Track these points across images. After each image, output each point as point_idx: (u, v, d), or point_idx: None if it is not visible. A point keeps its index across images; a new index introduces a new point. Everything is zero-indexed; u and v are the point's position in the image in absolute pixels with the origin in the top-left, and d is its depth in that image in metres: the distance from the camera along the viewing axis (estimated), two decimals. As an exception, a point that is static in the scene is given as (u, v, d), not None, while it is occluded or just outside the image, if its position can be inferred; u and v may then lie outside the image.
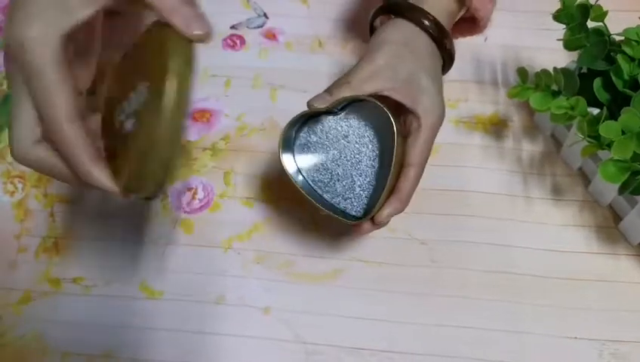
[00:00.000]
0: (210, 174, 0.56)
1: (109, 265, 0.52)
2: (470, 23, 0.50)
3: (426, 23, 0.45)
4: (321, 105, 0.43)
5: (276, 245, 0.53)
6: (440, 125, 0.45)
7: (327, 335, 0.49)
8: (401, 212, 0.44)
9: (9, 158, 0.58)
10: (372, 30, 0.50)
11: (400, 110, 0.44)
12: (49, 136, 0.34)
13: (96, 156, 0.33)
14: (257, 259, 0.52)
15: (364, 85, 0.43)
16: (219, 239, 0.53)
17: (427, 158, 0.45)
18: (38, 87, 0.32)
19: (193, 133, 0.58)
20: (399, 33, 0.46)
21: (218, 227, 0.54)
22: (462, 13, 0.49)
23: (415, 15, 0.46)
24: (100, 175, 0.33)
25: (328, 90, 0.44)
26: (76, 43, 0.34)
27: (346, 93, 0.43)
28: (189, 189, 0.56)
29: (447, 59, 0.48)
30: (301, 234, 0.53)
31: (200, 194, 0.55)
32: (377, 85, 0.43)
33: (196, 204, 0.55)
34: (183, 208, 0.55)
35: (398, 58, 0.44)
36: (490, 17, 0.49)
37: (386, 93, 0.43)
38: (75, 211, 0.55)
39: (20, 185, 0.57)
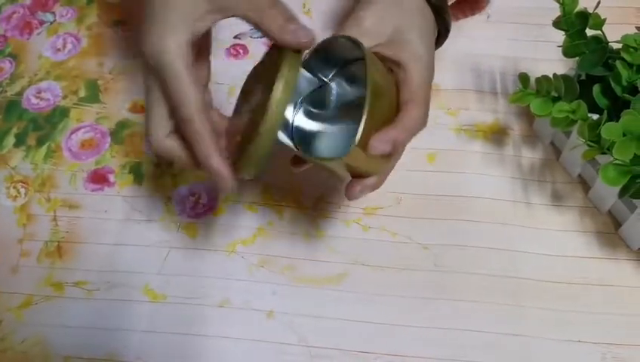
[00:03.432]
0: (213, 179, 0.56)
1: (111, 269, 0.52)
2: (472, 1, 0.50)
3: None
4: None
5: (280, 249, 0.53)
6: (428, 77, 0.44)
7: (332, 338, 0.49)
8: (401, 144, 0.41)
9: (12, 163, 0.58)
10: None
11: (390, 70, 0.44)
12: (181, 126, 0.40)
13: (215, 144, 0.39)
14: (261, 262, 0.52)
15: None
16: (223, 243, 0.53)
17: (424, 100, 0.42)
18: (174, 88, 0.39)
19: (197, 139, 0.59)
20: None
21: (222, 231, 0.54)
22: None
23: None
24: (219, 163, 0.39)
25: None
26: (196, 46, 0.41)
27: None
28: (193, 194, 0.56)
29: (442, 31, 0.48)
30: (305, 238, 0.53)
31: (204, 199, 0.55)
32: (364, 42, 0.42)
33: (200, 208, 0.55)
34: (187, 212, 0.55)
35: (383, 16, 0.44)
36: None
37: (373, 50, 0.43)
38: (77, 215, 0.55)
39: (22, 190, 0.57)
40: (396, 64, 0.43)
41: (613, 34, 0.50)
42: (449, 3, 0.48)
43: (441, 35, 0.48)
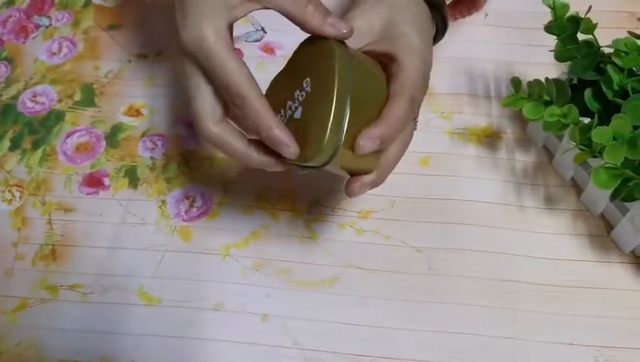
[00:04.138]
0: (209, 182, 0.57)
1: (106, 272, 0.53)
2: (469, 0, 0.50)
3: None
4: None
5: (275, 252, 0.53)
6: (423, 69, 0.43)
7: (326, 341, 0.49)
8: (389, 139, 0.41)
9: (7, 167, 0.59)
10: None
11: (386, 66, 0.43)
12: (237, 105, 0.40)
13: (274, 114, 0.40)
14: (256, 266, 0.52)
15: None
16: (217, 246, 0.53)
17: (415, 95, 0.42)
18: (222, 71, 0.39)
19: (193, 142, 0.59)
20: None
21: (216, 234, 0.54)
22: None
23: None
24: (282, 130, 0.39)
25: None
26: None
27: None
28: (188, 197, 0.56)
29: (440, 26, 0.48)
30: (299, 241, 0.53)
31: (198, 202, 0.56)
32: (356, 40, 0.43)
33: (194, 211, 0.55)
34: (182, 216, 0.55)
35: (373, 13, 0.44)
36: None
37: (364, 50, 0.43)
38: (72, 219, 0.55)
39: (17, 194, 0.57)
40: (390, 58, 0.43)
41: (606, 38, 0.50)
42: (446, 2, 0.48)
43: (439, 30, 0.48)
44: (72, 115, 0.61)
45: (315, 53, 0.41)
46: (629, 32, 0.50)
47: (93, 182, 0.57)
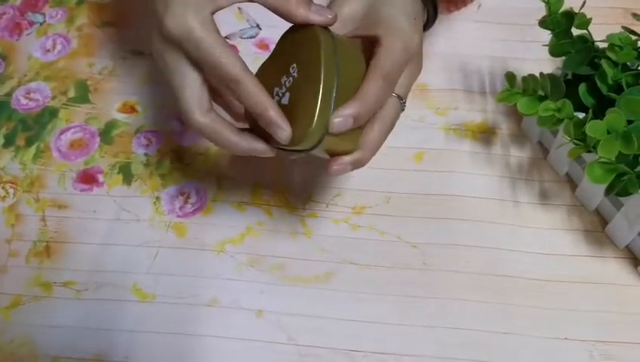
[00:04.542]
0: (203, 179, 0.56)
1: (100, 269, 0.52)
2: None
3: None
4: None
5: (269, 248, 0.53)
6: (403, 53, 0.42)
7: (320, 337, 0.49)
8: (364, 117, 0.41)
9: (1, 164, 0.58)
10: None
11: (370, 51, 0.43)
12: (232, 88, 0.40)
13: (269, 96, 0.40)
14: (250, 261, 0.52)
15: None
16: (211, 242, 0.53)
17: (390, 74, 0.42)
18: (212, 57, 0.39)
19: (187, 138, 0.59)
20: None
21: (211, 230, 0.54)
22: None
23: None
24: (277, 112, 0.40)
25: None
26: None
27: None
28: (182, 193, 0.56)
29: (431, 12, 0.47)
30: (294, 237, 0.53)
31: (193, 198, 0.55)
32: (344, 26, 0.43)
33: (189, 207, 0.55)
34: (176, 212, 0.55)
35: (359, 2, 0.44)
36: None
37: (350, 36, 0.44)
38: (66, 215, 0.55)
39: (11, 191, 0.57)
40: (373, 41, 0.43)
41: (601, 34, 0.50)
42: None
43: (430, 17, 0.48)
44: (66, 112, 0.61)
45: (300, 40, 0.41)
46: (623, 27, 0.50)
47: (87, 178, 0.57)
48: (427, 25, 0.49)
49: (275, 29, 0.67)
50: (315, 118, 0.39)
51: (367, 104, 0.41)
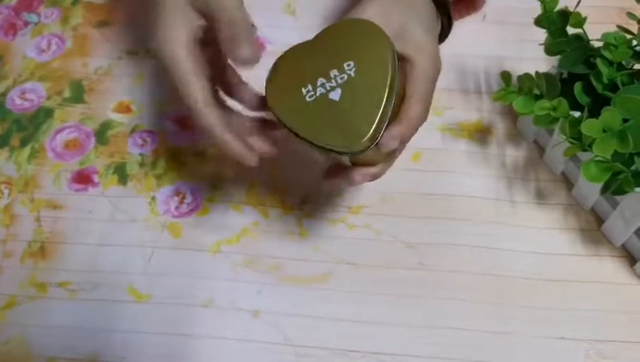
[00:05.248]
0: (199, 179, 0.56)
1: (95, 270, 0.52)
2: (468, 1, 0.50)
3: None
4: None
5: (265, 248, 0.53)
6: (433, 71, 0.44)
7: (317, 337, 0.49)
8: (407, 139, 0.43)
9: (-5, 164, 0.58)
10: None
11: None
12: (191, 114, 0.42)
13: (227, 128, 0.42)
14: (246, 262, 0.52)
15: None
16: (207, 243, 0.53)
17: (428, 95, 0.43)
18: (176, 80, 0.42)
19: (183, 138, 0.59)
20: None
21: (206, 231, 0.54)
22: None
23: None
24: (234, 145, 0.42)
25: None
26: (203, 42, 0.43)
27: None
28: (178, 194, 0.56)
29: (445, 25, 0.48)
30: (290, 237, 0.53)
31: (188, 199, 0.55)
32: None
33: (184, 208, 0.55)
34: (171, 212, 0.55)
35: (389, 8, 0.44)
36: None
37: None
38: (61, 216, 0.55)
39: (6, 191, 0.57)
40: (403, 58, 0.43)
41: (596, 33, 0.50)
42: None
43: (445, 30, 0.48)
44: (61, 112, 0.61)
45: (362, 38, 0.40)
46: (618, 26, 0.50)
47: (82, 178, 0.57)
48: (442, 37, 0.49)
49: (271, 28, 0.68)
50: (375, 124, 0.38)
51: (411, 127, 0.42)
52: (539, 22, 0.50)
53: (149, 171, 0.57)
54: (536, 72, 0.50)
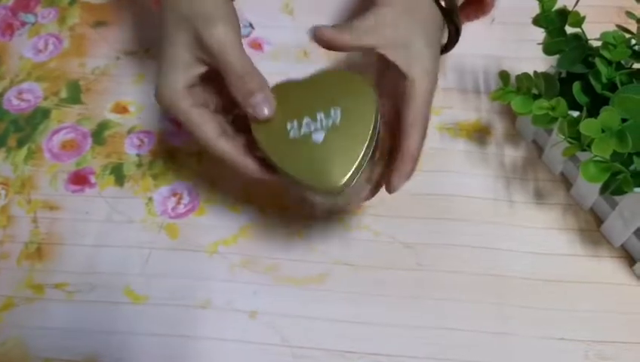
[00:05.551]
0: (196, 180, 0.56)
1: (92, 271, 0.52)
2: (477, 4, 0.50)
3: None
4: (325, 34, 0.43)
5: (262, 249, 0.52)
6: (434, 90, 0.45)
7: (314, 338, 0.49)
8: (411, 174, 0.44)
9: (-8, 165, 0.58)
10: None
11: (390, 75, 0.45)
12: (202, 146, 0.45)
13: (243, 155, 0.44)
14: (243, 263, 0.52)
15: (364, 36, 0.44)
16: (204, 243, 0.53)
17: (427, 120, 0.45)
18: (182, 123, 0.45)
19: (179, 139, 0.58)
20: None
21: (203, 231, 0.53)
22: None
23: None
24: (253, 167, 0.44)
25: (334, 26, 0.44)
26: (206, 79, 0.46)
27: (346, 35, 0.43)
28: (175, 194, 0.55)
29: (453, 34, 0.48)
30: (287, 238, 0.53)
31: (185, 199, 0.55)
32: (377, 40, 0.44)
33: (181, 208, 0.55)
34: (168, 213, 0.54)
35: (400, 20, 0.44)
36: None
37: (382, 51, 0.44)
38: (58, 217, 0.55)
39: (2, 192, 0.56)
40: (404, 76, 0.44)
41: (595, 33, 0.50)
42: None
43: (451, 36, 0.48)
44: (58, 113, 0.61)
45: (349, 89, 0.42)
46: (617, 25, 0.49)
47: (79, 179, 0.57)
48: (448, 46, 0.49)
49: (268, 28, 0.68)
50: (348, 175, 0.41)
51: (417, 156, 0.44)
52: (537, 21, 0.50)
53: (146, 172, 0.57)
54: (535, 72, 0.50)
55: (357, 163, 0.41)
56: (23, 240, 0.54)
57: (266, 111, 0.42)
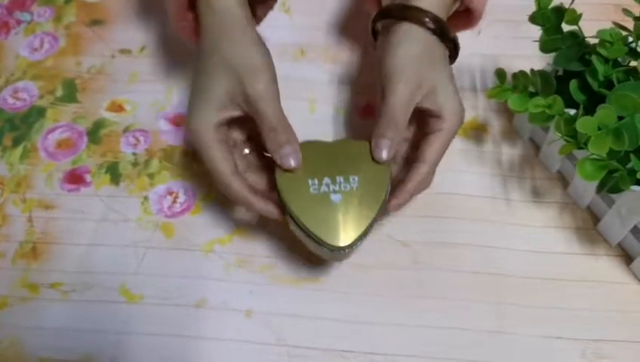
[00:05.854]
0: (192, 178, 0.56)
1: (88, 270, 0.52)
2: (464, 17, 0.51)
3: (427, 20, 0.46)
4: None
5: (258, 248, 0.52)
6: (462, 124, 0.48)
7: (310, 338, 0.48)
8: (403, 206, 0.47)
9: (-13, 164, 0.58)
10: (374, 34, 0.51)
11: (421, 114, 0.47)
12: (221, 189, 0.47)
13: (254, 195, 0.46)
14: (239, 262, 0.52)
15: (402, 116, 0.46)
16: (200, 242, 0.53)
17: (440, 159, 0.47)
18: (204, 158, 0.46)
19: (176, 137, 0.58)
20: (414, 45, 0.46)
21: (199, 230, 0.53)
22: (456, 6, 0.50)
23: (414, 15, 0.46)
24: (262, 205, 0.46)
25: (382, 135, 0.46)
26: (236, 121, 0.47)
27: (392, 129, 0.45)
28: (171, 193, 0.55)
29: (452, 50, 0.49)
30: (283, 237, 0.53)
31: (181, 198, 0.55)
32: (411, 109, 0.46)
33: (177, 207, 0.54)
34: (164, 212, 0.54)
35: (421, 74, 0.46)
36: (484, 8, 0.50)
37: (416, 106, 0.46)
38: (53, 216, 0.55)
39: (-2, 191, 0.56)
40: (437, 117, 0.46)
41: (592, 30, 0.50)
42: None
43: (451, 53, 0.49)
44: (54, 111, 0.61)
45: (369, 162, 0.46)
46: (614, 23, 0.49)
47: (75, 178, 0.57)
48: (449, 62, 0.50)
49: (266, 27, 0.67)
50: (356, 237, 0.44)
51: (420, 186, 0.47)
52: (534, 19, 0.49)
53: (142, 170, 0.57)
54: (531, 70, 0.49)
55: (365, 228, 0.44)
56: (18, 239, 0.53)
57: (292, 163, 0.45)
